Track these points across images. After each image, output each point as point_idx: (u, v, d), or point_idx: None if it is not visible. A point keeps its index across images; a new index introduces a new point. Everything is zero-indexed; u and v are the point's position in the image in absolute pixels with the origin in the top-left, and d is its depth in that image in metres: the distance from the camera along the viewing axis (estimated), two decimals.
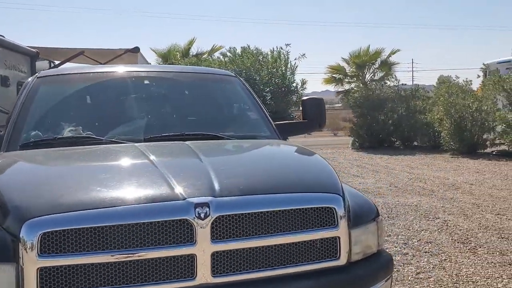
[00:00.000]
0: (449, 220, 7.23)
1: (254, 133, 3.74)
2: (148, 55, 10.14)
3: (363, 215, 2.67)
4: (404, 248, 5.91)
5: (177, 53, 17.68)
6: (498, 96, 14.09)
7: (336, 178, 2.73)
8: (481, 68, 16.12)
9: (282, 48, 10.21)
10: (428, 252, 5.75)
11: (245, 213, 2.27)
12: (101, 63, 9.36)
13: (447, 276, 4.99)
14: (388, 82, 19.43)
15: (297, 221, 2.36)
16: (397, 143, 19.23)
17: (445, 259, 5.50)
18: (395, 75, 19.58)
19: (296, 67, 10.27)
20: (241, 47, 10.82)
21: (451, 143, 15.62)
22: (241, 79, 4.38)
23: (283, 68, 9.93)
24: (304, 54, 10.28)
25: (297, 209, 2.37)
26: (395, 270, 5.18)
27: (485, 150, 15.73)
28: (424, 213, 7.72)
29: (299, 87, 10.43)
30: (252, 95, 4.05)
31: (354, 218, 2.59)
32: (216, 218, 2.22)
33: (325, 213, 2.43)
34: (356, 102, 19.06)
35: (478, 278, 4.93)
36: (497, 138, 15.06)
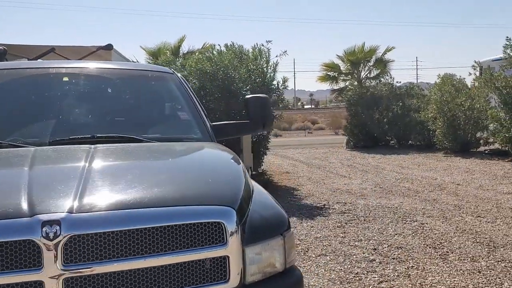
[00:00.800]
0: (426, 223, 6.95)
1: (182, 135, 3.46)
2: (139, 53, 9.89)
3: (265, 230, 2.35)
4: (372, 254, 5.65)
5: (167, 51, 17.42)
6: (491, 94, 13.75)
7: (236, 188, 2.39)
8: (473, 66, 15.77)
9: (263, 45, 9.90)
10: (396, 259, 5.48)
11: (107, 232, 1.95)
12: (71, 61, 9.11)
13: (411, 285, 4.73)
14: (383, 80, 19.08)
15: (177, 239, 2.06)
16: (392, 142, 18.91)
17: (412, 266, 5.24)
18: (389, 73, 19.24)
19: (277, 64, 9.93)
20: (224, 44, 10.55)
21: (445, 142, 15.31)
22: (179, 76, 4.09)
23: (264, 66, 9.61)
24: (285, 51, 10.01)
25: (176, 225, 2.06)
26: (357, 278, 4.92)
27: (478, 149, 15.40)
28: (403, 216, 7.44)
29: (279, 85, 10.10)
30: (189, 94, 3.77)
31: (253, 233, 2.27)
32: (69, 238, 1.91)
33: (213, 229, 2.13)
34: (350, 100, 18.74)
35: (442, 287, 4.65)
36: (489, 137, 14.72)
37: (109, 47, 9.07)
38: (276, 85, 10.15)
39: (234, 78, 9.48)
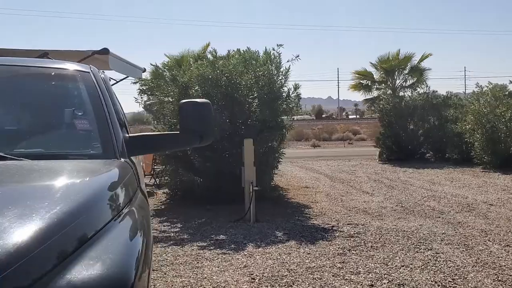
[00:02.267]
0: (442, 253, 5.95)
1: (73, 150, 2.70)
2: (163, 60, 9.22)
3: None
4: None
5: (191, 58, 16.82)
6: None
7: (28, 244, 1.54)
8: None
9: (273, 49, 9.10)
10: None
11: None
12: None
13: None
14: (419, 89, 17.91)
15: None
16: (428, 155, 17.68)
17: None
18: (425, 82, 18.05)
19: (289, 70, 9.10)
20: (235, 50, 9.82)
21: (483, 156, 14.04)
22: (101, 75, 3.28)
23: (273, 71, 8.80)
24: (298, 56, 9.15)
25: None
26: None
27: None
28: (417, 242, 6.45)
29: (291, 92, 9.26)
30: (102, 98, 2.99)
31: None
32: None
33: None
34: (383, 110, 17.67)
35: None
36: None
37: (104, 51, 8.47)
38: (287, 93, 9.31)
39: (239, 84, 8.71)
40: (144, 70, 9.61)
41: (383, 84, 18.98)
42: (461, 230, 7.10)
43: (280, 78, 9.23)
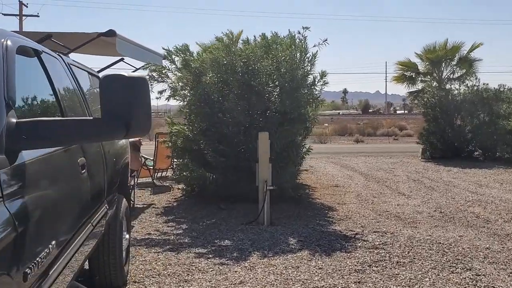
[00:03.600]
0: (484, 275, 4.89)
1: None
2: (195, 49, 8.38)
3: None
4: None
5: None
6: None
7: None
8: None
9: (299, 33, 8.14)
10: None
11: None
12: (69, 49, 7.85)
13: None
14: (467, 82, 16.46)
15: None
16: (477, 153, 16.26)
17: None
18: (475, 74, 16.58)
19: (316, 56, 8.12)
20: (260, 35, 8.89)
21: None
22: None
23: (297, 57, 7.85)
24: (326, 40, 8.16)
25: None
26: None
27: None
28: (454, 259, 5.40)
29: (316, 80, 8.27)
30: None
31: None
32: None
33: None
34: (427, 104, 16.36)
35: None
36: None
37: (110, 33, 7.71)
38: (312, 81, 8.31)
39: (258, 71, 7.79)
40: (165, 57, 8.82)
41: (429, 76, 17.60)
42: (509, 245, 5.98)
43: (305, 64, 8.25)
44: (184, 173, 8.42)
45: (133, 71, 10.40)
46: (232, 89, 7.97)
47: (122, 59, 9.65)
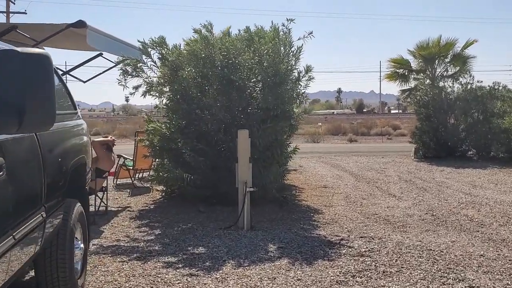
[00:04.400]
0: (479, 286, 4.43)
1: None
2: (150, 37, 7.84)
3: None
4: None
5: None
6: None
7: None
8: None
9: (283, 25, 7.67)
10: None
11: None
12: (36, 41, 7.35)
13: None
14: (461, 79, 16.02)
15: None
16: (471, 152, 15.84)
17: None
18: (469, 71, 16.14)
19: (301, 49, 7.66)
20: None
21: None
22: None
23: (281, 50, 7.38)
24: (311, 33, 7.69)
25: None
26: None
27: None
28: (445, 268, 4.94)
29: (301, 75, 7.80)
30: None
31: None
32: None
33: None
34: (420, 102, 15.92)
35: None
36: None
37: (80, 24, 7.24)
38: (297, 76, 7.84)
39: (239, 65, 7.31)
40: (140, 50, 8.31)
41: (421, 74, 17.15)
42: (505, 252, 5.52)
43: (290, 59, 7.77)
44: (160, 174, 7.92)
45: (109, 68, 9.88)
46: (211, 84, 7.49)
47: (100, 54, 9.16)
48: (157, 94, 7.84)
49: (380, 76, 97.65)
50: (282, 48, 7.67)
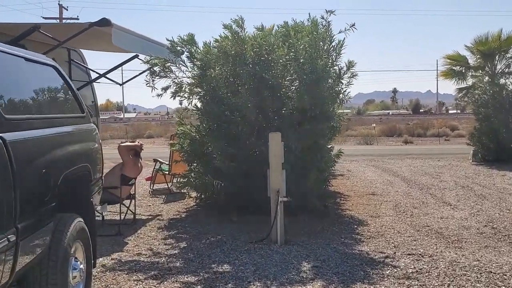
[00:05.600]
0: None
1: None
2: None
3: None
4: None
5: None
6: None
7: None
8: None
9: (322, 17, 7.01)
10: None
11: None
12: (59, 41, 6.99)
13: None
14: None
15: None
16: None
17: None
18: None
19: (342, 44, 6.97)
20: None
21: None
22: None
23: (320, 44, 6.72)
24: (353, 25, 6.98)
25: None
26: None
27: None
28: None
29: (342, 72, 7.09)
30: None
31: None
32: None
33: None
34: (478, 101, 14.78)
35: None
36: None
37: (104, 22, 6.82)
38: (337, 73, 7.12)
39: (271, 61, 6.69)
40: (169, 49, 7.81)
41: (480, 71, 15.94)
42: None
43: (330, 54, 7.08)
44: (190, 180, 7.40)
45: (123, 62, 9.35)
46: (243, 83, 6.89)
47: (136, 56, 8.74)
48: (185, 96, 7.31)
49: (436, 75, 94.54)
50: (321, 42, 6.97)
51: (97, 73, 10.09)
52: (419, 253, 5.49)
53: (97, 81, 10.07)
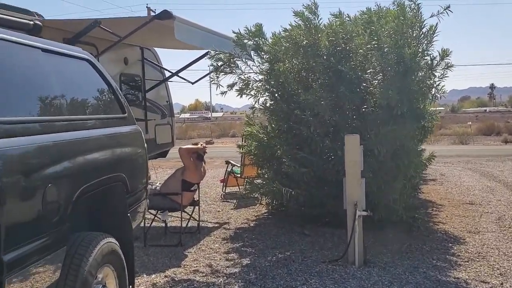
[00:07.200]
0: None
1: None
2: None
3: None
4: None
5: None
6: None
7: None
8: None
9: (411, 0, 6.02)
10: None
11: None
12: (120, 37, 6.50)
13: None
14: None
15: None
16: None
17: None
18: None
19: (435, 29, 5.93)
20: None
21: None
22: None
23: (408, 31, 5.75)
24: (448, 7, 5.93)
25: None
26: None
27: None
28: None
29: (435, 62, 6.03)
30: None
31: None
32: None
33: None
34: None
35: None
36: None
37: (165, 15, 6.25)
38: (429, 63, 6.06)
39: (349, 51, 5.78)
40: (235, 43, 7.11)
41: None
42: None
43: (420, 41, 6.05)
44: (258, 186, 6.66)
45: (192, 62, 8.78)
46: (318, 78, 6.04)
47: (208, 53, 8.13)
48: (252, 93, 6.55)
49: None
50: (409, 29, 5.95)
51: (169, 71, 9.66)
52: None
53: (169, 80, 9.65)
